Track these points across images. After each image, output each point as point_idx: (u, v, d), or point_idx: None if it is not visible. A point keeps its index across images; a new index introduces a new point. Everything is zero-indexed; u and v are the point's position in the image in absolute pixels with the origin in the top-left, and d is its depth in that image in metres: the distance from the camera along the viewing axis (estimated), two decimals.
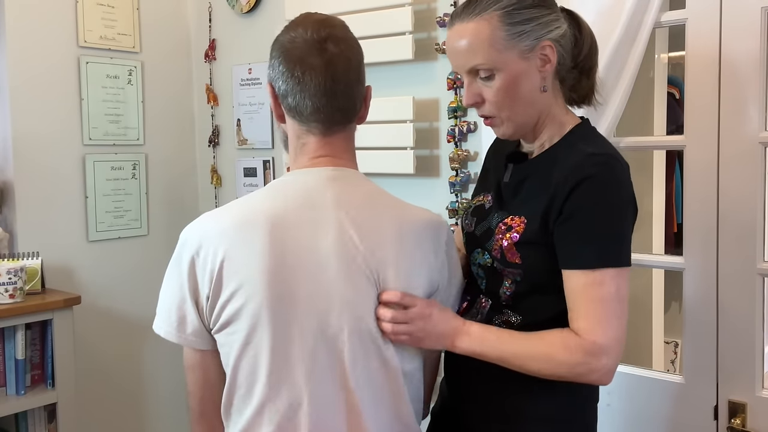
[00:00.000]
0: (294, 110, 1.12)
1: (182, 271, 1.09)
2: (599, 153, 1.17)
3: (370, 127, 2.17)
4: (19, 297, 2.10)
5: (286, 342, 1.04)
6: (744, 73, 1.50)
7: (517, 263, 1.19)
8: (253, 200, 1.12)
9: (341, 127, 1.14)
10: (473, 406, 1.28)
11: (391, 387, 1.11)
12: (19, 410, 2.14)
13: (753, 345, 1.53)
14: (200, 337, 1.09)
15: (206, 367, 1.12)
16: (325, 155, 1.14)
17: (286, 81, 1.11)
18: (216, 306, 1.06)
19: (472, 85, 1.20)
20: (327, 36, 1.10)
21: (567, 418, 1.24)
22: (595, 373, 1.10)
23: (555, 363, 1.11)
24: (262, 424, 1.06)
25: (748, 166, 1.51)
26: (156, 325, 1.12)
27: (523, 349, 1.13)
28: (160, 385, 2.78)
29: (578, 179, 1.12)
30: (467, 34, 1.17)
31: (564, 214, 1.13)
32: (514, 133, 1.24)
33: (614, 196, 1.14)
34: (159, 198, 2.77)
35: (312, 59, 1.09)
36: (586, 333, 1.10)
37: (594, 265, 1.11)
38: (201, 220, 1.12)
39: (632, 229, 1.19)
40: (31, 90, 2.39)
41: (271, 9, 2.52)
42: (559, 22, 1.20)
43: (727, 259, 1.54)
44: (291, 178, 1.14)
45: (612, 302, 1.10)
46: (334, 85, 1.09)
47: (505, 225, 1.21)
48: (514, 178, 1.27)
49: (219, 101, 2.78)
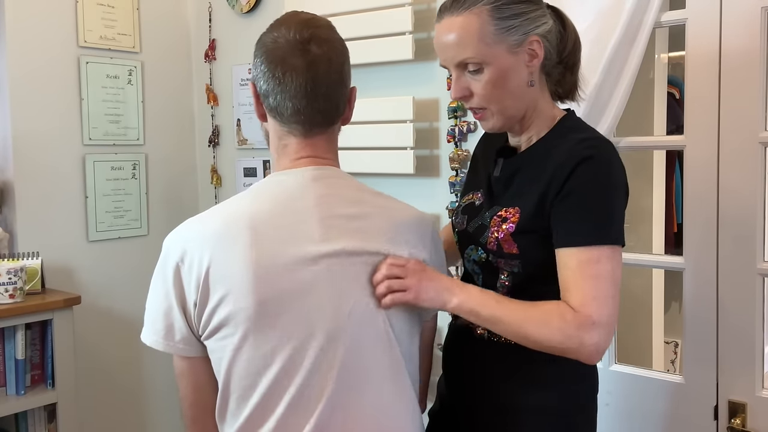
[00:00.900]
0: (275, 110, 1.12)
1: (167, 279, 1.08)
2: (591, 138, 1.20)
3: (370, 127, 2.18)
4: (19, 297, 2.10)
5: (279, 344, 1.04)
6: (744, 73, 1.50)
7: (515, 253, 1.20)
8: (236, 204, 1.11)
9: (322, 129, 1.14)
10: (472, 401, 1.29)
11: (394, 379, 1.11)
12: (19, 410, 2.14)
13: (753, 345, 1.53)
14: (189, 345, 1.08)
15: (196, 374, 1.11)
16: (306, 156, 1.13)
17: (267, 81, 1.10)
18: (204, 312, 1.05)
19: (460, 79, 1.21)
20: (310, 37, 1.09)
21: (568, 409, 1.24)
22: (586, 348, 1.09)
23: (549, 329, 1.10)
24: (259, 426, 1.06)
25: (748, 166, 1.51)
26: (143, 335, 1.12)
27: (519, 312, 1.12)
28: (160, 385, 2.78)
29: (576, 161, 1.14)
30: (456, 27, 1.18)
31: (561, 195, 1.15)
32: (502, 126, 1.25)
33: (609, 178, 1.16)
34: (159, 198, 2.77)
35: (293, 60, 1.08)
36: (581, 307, 1.09)
37: (590, 242, 1.11)
38: (184, 227, 1.11)
39: (625, 210, 1.20)
40: (32, 90, 2.39)
41: (271, 9, 2.52)
42: (545, 18, 1.21)
43: (727, 259, 1.54)
44: (274, 179, 1.14)
45: (607, 281, 1.11)
46: (315, 87, 1.09)
47: (499, 217, 1.22)
48: (505, 171, 1.28)
49: (219, 101, 2.79)
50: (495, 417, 1.25)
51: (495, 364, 1.25)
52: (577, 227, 1.13)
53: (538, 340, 1.11)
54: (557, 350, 1.11)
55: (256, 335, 1.03)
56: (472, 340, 1.28)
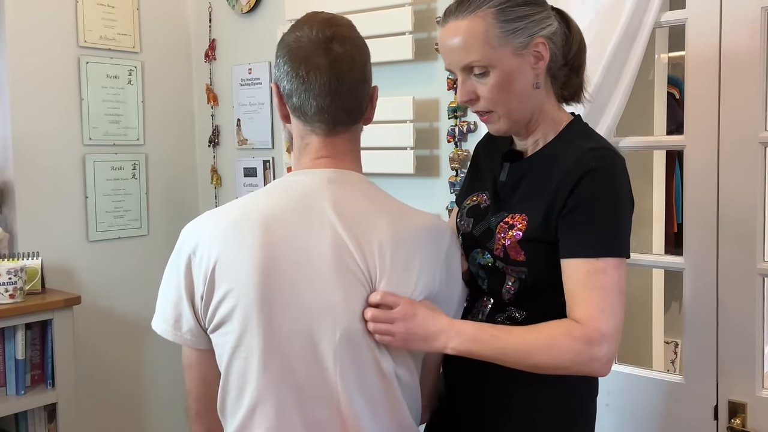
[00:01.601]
0: (299, 110, 1.12)
1: (180, 270, 1.09)
2: (599, 147, 1.18)
3: (371, 127, 2.15)
4: (19, 297, 2.10)
5: (276, 345, 1.04)
6: (744, 73, 1.50)
7: (522, 261, 1.19)
8: (251, 200, 1.12)
9: (345, 128, 1.14)
10: (472, 401, 1.28)
11: (385, 390, 1.10)
12: (19, 410, 2.14)
13: (753, 345, 1.53)
14: (196, 336, 1.09)
15: (203, 367, 1.12)
16: (326, 156, 1.13)
17: (290, 81, 1.10)
18: (210, 306, 1.06)
19: (466, 83, 1.21)
20: (332, 35, 1.09)
21: (567, 411, 1.24)
22: (596, 362, 1.09)
23: (558, 352, 1.09)
24: (253, 427, 1.06)
25: (748, 166, 1.51)
26: (154, 322, 1.13)
27: (522, 343, 1.11)
28: (160, 385, 2.78)
29: (581, 173, 1.13)
30: (462, 31, 1.17)
31: (568, 207, 1.14)
32: (508, 129, 1.25)
33: (615, 189, 1.15)
34: (159, 198, 2.77)
35: (317, 59, 1.08)
36: (589, 320, 1.09)
37: (597, 254, 1.11)
38: (200, 220, 1.12)
39: (631, 222, 1.20)
40: (32, 90, 2.39)
41: (271, 9, 2.52)
42: (550, 20, 1.21)
43: (727, 259, 1.54)
44: (291, 178, 1.14)
45: (613, 291, 1.11)
46: (338, 85, 1.09)
47: (506, 224, 1.22)
48: (512, 176, 1.27)
49: (219, 101, 2.79)
50: (495, 418, 1.25)
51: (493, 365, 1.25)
52: (584, 239, 1.13)
53: (548, 366, 1.11)
54: (568, 371, 1.11)
55: (255, 333, 1.03)
56: None
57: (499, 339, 1.12)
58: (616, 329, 1.10)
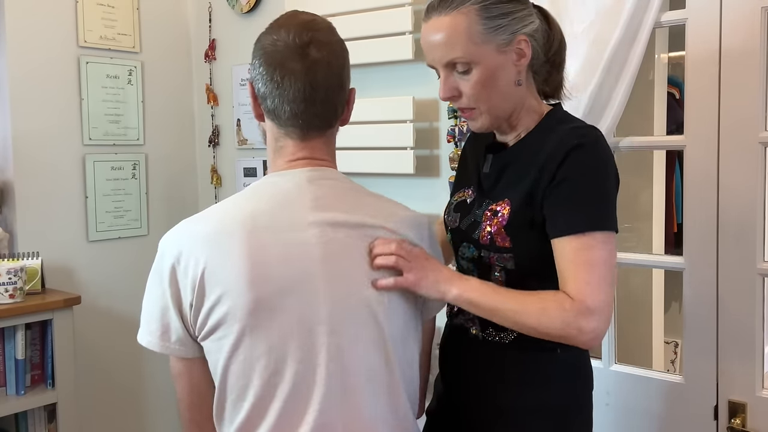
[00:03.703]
0: (272, 113, 1.11)
1: (163, 280, 1.08)
2: (581, 126, 1.21)
3: (370, 127, 2.18)
4: (19, 297, 2.10)
5: (275, 343, 1.04)
6: (744, 73, 1.50)
7: (508, 247, 1.20)
8: (232, 204, 1.11)
9: (320, 132, 1.13)
10: (469, 400, 1.29)
11: (388, 380, 1.11)
12: (19, 410, 2.14)
13: (753, 345, 1.53)
14: (185, 346, 1.08)
15: (193, 375, 1.11)
16: (303, 158, 1.13)
17: (265, 84, 1.09)
18: (200, 313, 1.05)
19: (448, 79, 1.21)
20: (309, 40, 1.08)
21: (563, 409, 1.24)
22: (585, 335, 1.10)
23: (548, 318, 1.10)
24: (257, 426, 1.06)
25: (748, 166, 1.51)
26: (139, 336, 1.11)
27: (519, 302, 1.13)
28: (160, 385, 2.78)
29: (567, 149, 1.14)
30: (444, 27, 1.18)
31: (554, 182, 1.15)
32: (490, 126, 1.26)
33: (601, 164, 1.16)
34: (159, 198, 2.77)
35: (292, 64, 1.07)
36: (577, 294, 1.10)
37: (584, 229, 1.12)
38: (179, 229, 1.11)
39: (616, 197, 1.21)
40: (32, 90, 2.39)
41: (271, 9, 2.52)
42: (532, 17, 1.22)
43: (727, 259, 1.54)
44: (269, 180, 1.14)
45: (602, 266, 1.11)
46: (313, 91, 1.08)
47: (491, 211, 1.23)
48: (494, 167, 1.28)
49: (219, 101, 2.79)
50: (492, 417, 1.25)
51: (489, 364, 1.26)
52: (570, 216, 1.14)
53: (536, 328, 1.12)
54: (556, 337, 1.12)
55: (253, 334, 1.03)
56: (467, 339, 1.28)
57: (499, 294, 1.15)
58: (604, 303, 1.10)
